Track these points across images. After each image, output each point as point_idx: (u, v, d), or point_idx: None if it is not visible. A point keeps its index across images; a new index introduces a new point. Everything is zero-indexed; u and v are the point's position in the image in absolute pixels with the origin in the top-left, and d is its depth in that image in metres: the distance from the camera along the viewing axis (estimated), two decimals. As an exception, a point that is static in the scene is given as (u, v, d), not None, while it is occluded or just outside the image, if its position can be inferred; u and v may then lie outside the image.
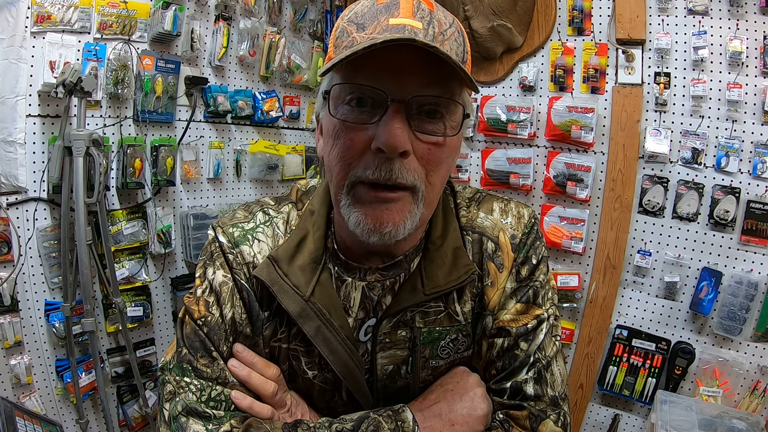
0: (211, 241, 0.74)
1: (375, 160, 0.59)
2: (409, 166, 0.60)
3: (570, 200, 2.07)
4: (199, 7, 1.99)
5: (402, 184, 0.60)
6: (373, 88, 0.58)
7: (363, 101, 0.60)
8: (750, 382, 1.79)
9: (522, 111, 2.09)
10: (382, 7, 0.59)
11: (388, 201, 0.60)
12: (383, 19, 0.58)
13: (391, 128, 0.57)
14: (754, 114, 1.80)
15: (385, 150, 0.57)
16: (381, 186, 0.60)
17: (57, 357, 1.67)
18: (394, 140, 0.57)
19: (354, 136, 0.60)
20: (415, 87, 0.58)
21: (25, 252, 1.58)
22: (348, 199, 0.62)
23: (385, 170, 0.59)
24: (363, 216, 0.61)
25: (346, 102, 0.60)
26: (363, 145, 0.60)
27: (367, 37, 0.58)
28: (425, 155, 0.61)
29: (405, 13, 0.58)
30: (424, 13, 0.59)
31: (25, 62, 1.53)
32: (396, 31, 0.57)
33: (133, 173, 1.79)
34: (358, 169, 0.60)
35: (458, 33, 0.62)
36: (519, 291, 0.73)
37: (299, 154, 2.47)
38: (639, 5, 1.92)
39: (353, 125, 0.60)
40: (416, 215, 0.62)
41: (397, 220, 0.61)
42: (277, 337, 0.73)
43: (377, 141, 0.58)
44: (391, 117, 0.57)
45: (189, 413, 0.65)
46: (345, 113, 0.60)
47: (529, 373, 0.70)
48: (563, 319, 2.12)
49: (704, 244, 1.88)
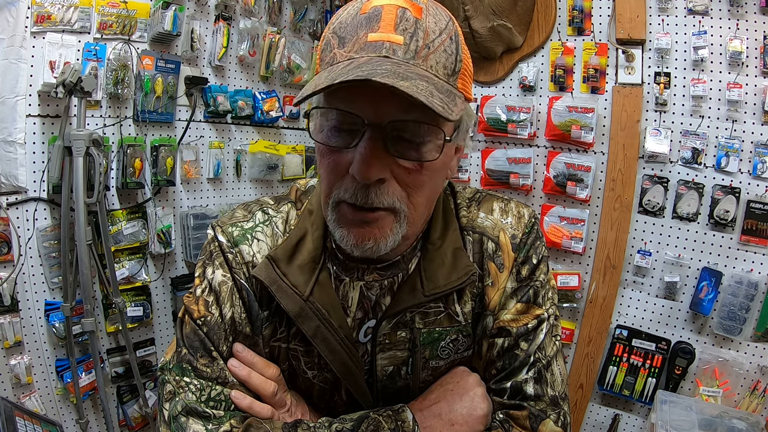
0: (210, 241, 0.74)
1: (353, 184, 0.60)
2: (387, 189, 0.60)
3: (570, 200, 2.07)
4: (199, 7, 1.99)
5: (380, 207, 0.60)
6: (351, 113, 0.58)
7: (342, 124, 0.59)
8: (750, 382, 1.79)
9: (522, 111, 2.09)
10: (363, 19, 0.58)
11: (369, 221, 0.61)
12: (362, 35, 0.57)
13: (364, 157, 0.57)
14: (754, 114, 1.80)
15: (358, 179, 0.58)
16: (359, 207, 0.60)
17: (57, 357, 1.67)
18: (367, 171, 0.57)
19: (336, 158, 0.61)
20: (393, 111, 0.57)
21: (25, 252, 1.58)
22: (333, 215, 0.64)
23: (362, 195, 0.59)
24: (347, 232, 0.63)
25: (327, 125, 0.61)
26: (344, 168, 0.60)
27: (346, 55, 0.57)
28: (405, 179, 0.61)
29: (386, 26, 0.57)
30: (408, 23, 0.57)
31: (25, 62, 1.53)
32: (373, 49, 0.56)
33: (133, 173, 1.79)
34: (340, 190, 0.61)
35: (450, 41, 0.60)
36: (519, 291, 0.73)
37: (299, 154, 2.47)
38: (639, 5, 1.92)
39: (334, 148, 0.61)
40: (398, 233, 0.63)
41: (378, 236, 0.62)
42: (277, 336, 0.73)
43: (352, 168, 0.58)
44: (366, 144, 0.57)
45: (189, 413, 0.65)
46: (326, 137, 0.61)
47: (529, 373, 0.70)
48: (563, 319, 2.12)
49: (704, 244, 1.88)
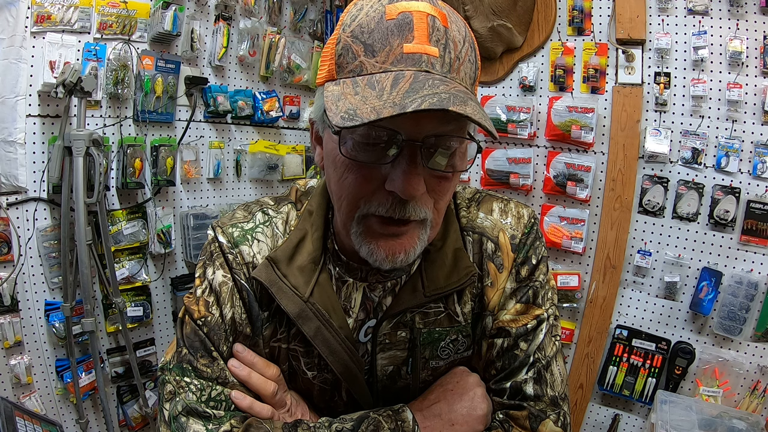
0: (210, 241, 0.74)
1: (389, 199, 0.58)
2: (423, 201, 0.60)
3: (570, 200, 2.07)
4: (199, 7, 1.99)
5: (414, 219, 0.60)
6: (389, 129, 0.55)
7: (371, 138, 0.56)
8: (750, 382, 1.79)
9: (522, 111, 2.09)
10: (394, 27, 0.55)
11: (399, 234, 0.60)
12: (396, 45, 0.54)
13: (408, 176, 0.55)
14: (754, 114, 1.80)
15: (403, 197, 0.56)
16: (392, 219, 0.59)
17: (57, 357, 1.67)
18: (412, 189, 0.55)
19: (366, 173, 0.58)
20: (430, 126, 0.55)
21: (25, 252, 1.58)
22: (359, 228, 0.61)
23: (400, 210, 0.58)
24: (375, 247, 0.61)
25: (353, 138, 0.57)
26: (376, 184, 0.58)
27: (380, 66, 0.54)
28: (435, 188, 0.60)
29: (420, 37, 0.54)
30: (439, 33, 0.55)
31: (25, 62, 1.53)
32: (411, 62, 0.54)
33: (133, 173, 1.79)
34: (370, 205, 0.59)
35: (470, 48, 0.59)
36: (519, 291, 0.73)
37: (299, 154, 2.47)
38: (639, 5, 1.92)
39: (364, 164, 0.58)
40: (424, 240, 0.63)
41: (408, 248, 0.61)
42: (277, 337, 0.73)
43: (392, 185, 0.56)
44: (408, 161, 0.55)
45: (189, 413, 0.65)
46: (355, 151, 0.57)
47: (529, 373, 0.70)
48: (563, 319, 2.12)
49: (704, 244, 1.88)
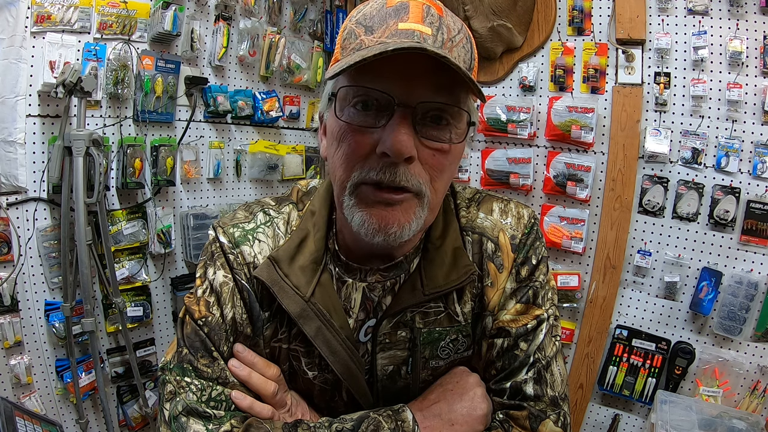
0: (211, 242, 0.74)
1: (379, 162, 0.59)
2: (414, 171, 0.60)
3: (570, 200, 2.07)
4: (199, 7, 1.99)
5: (406, 187, 0.60)
6: (381, 92, 0.58)
7: (369, 104, 0.60)
8: (750, 382, 1.79)
9: (522, 111, 2.09)
10: (392, 11, 0.59)
11: (393, 203, 0.61)
12: (392, 23, 0.58)
13: (397, 134, 0.57)
14: (754, 114, 1.80)
15: (391, 155, 0.58)
16: (385, 186, 0.60)
17: (57, 357, 1.67)
18: (401, 146, 0.57)
19: (359, 138, 0.60)
20: (423, 93, 0.58)
21: (25, 252, 1.58)
22: (352, 199, 0.62)
23: (390, 173, 0.59)
24: (368, 216, 0.61)
25: (352, 104, 0.60)
26: (368, 148, 0.60)
27: (376, 40, 0.58)
28: (429, 161, 0.61)
29: (414, 17, 0.58)
30: (433, 18, 0.59)
31: (25, 62, 1.53)
32: (405, 36, 0.57)
33: (133, 173, 1.79)
34: (362, 171, 0.61)
35: (466, 39, 0.63)
36: (519, 291, 0.73)
37: (299, 154, 2.47)
38: (639, 5, 1.92)
39: (359, 128, 0.60)
40: (421, 218, 0.63)
41: (402, 220, 0.61)
42: (278, 337, 0.73)
43: (383, 145, 0.58)
44: (398, 122, 0.58)
45: (189, 413, 0.65)
46: (351, 116, 0.61)
47: (529, 374, 0.70)
48: (563, 319, 2.12)
49: (704, 244, 1.88)
